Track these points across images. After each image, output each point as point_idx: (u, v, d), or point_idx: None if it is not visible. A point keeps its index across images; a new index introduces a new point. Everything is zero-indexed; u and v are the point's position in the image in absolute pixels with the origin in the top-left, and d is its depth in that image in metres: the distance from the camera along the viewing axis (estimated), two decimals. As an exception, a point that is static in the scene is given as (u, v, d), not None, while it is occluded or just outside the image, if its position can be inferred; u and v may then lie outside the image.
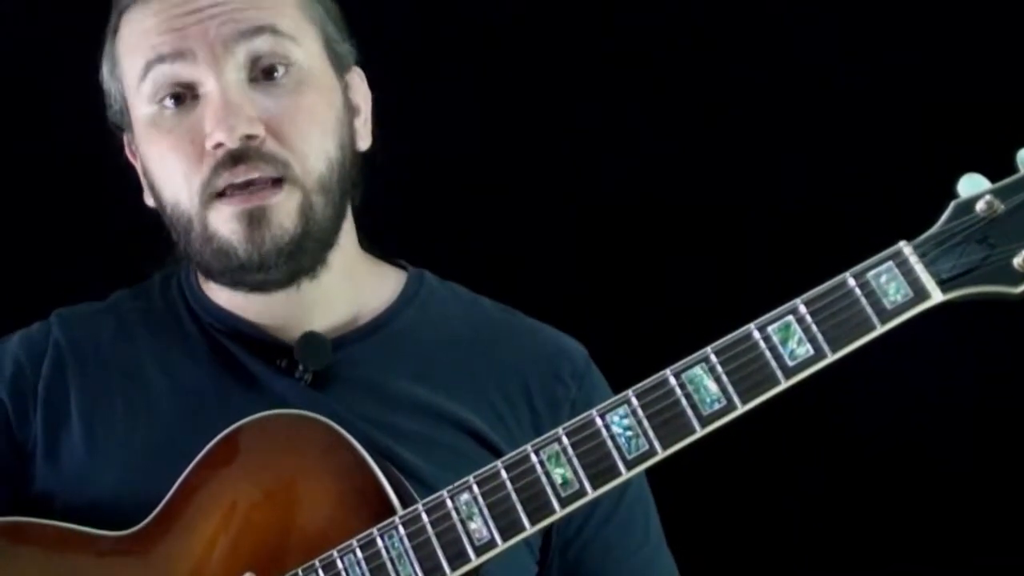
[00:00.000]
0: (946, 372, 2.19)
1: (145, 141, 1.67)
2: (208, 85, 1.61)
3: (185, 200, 1.63)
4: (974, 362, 2.18)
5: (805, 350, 1.42)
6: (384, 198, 1.74)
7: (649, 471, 1.46)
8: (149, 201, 1.73)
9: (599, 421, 1.45)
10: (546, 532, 1.68)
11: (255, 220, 1.61)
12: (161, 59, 1.62)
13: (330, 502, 1.54)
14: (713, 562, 1.71)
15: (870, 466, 1.48)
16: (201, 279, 1.76)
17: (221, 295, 1.73)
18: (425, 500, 1.49)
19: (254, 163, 1.60)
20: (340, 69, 1.71)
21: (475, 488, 1.47)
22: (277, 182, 1.61)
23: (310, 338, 1.69)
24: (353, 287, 1.73)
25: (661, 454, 1.43)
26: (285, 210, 1.62)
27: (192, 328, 1.74)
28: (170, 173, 1.64)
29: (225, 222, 1.62)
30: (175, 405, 1.69)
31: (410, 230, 1.74)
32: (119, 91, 1.71)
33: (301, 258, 1.64)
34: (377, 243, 1.78)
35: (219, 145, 1.59)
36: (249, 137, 1.60)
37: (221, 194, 1.61)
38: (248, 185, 1.60)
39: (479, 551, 1.46)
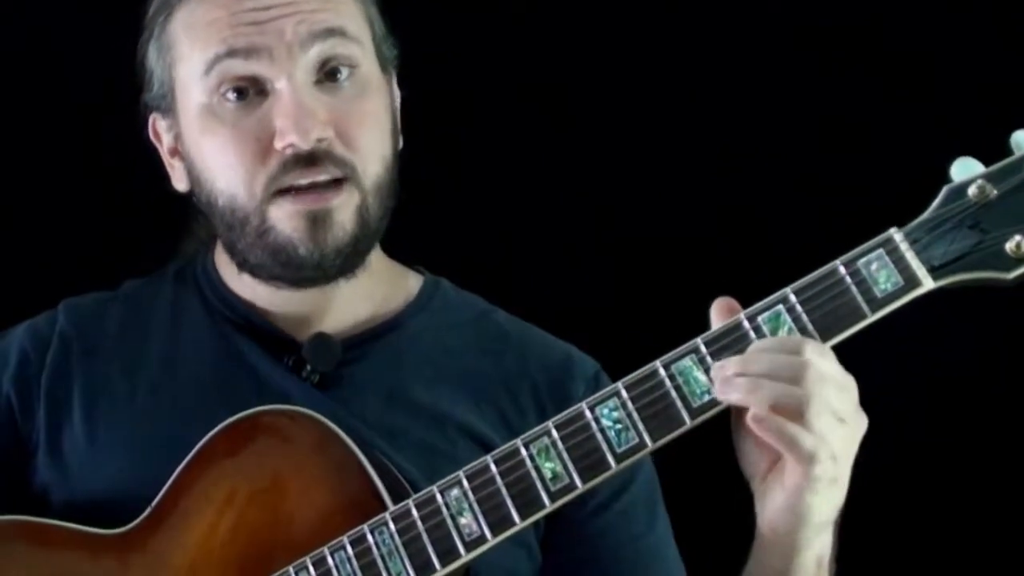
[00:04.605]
0: (938, 357, 2.18)
1: (198, 130, 1.66)
2: (279, 84, 1.61)
3: (243, 194, 1.63)
4: (966, 347, 2.17)
5: None
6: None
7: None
8: (180, 186, 1.73)
9: (588, 414, 1.44)
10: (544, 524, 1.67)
11: (319, 221, 1.61)
12: (233, 53, 1.61)
13: (322, 499, 1.53)
14: (700, 552, 1.70)
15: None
16: (222, 269, 1.75)
17: (243, 287, 1.73)
18: (415, 496, 1.48)
19: (322, 165, 1.61)
20: (387, 71, 1.72)
21: (465, 483, 1.46)
22: (338, 183, 1.62)
23: (320, 339, 1.68)
24: (371, 289, 1.72)
25: (651, 447, 1.42)
26: (346, 212, 1.62)
27: (202, 320, 1.74)
28: (229, 165, 1.63)
29: (288, 219, 1.62)
30: (178, 399, 1.68)
31: (419, 236, 1.74)
32: (166, 75, 1.69)
33: (355, 259, 1.65)
34: (393, 247, 1.78)
35: (290, 145, 1.60)
36: (320, 140, 1.60)
37: (283, 191, 1.62)
38: (312, 186, 1.61)
39: (469, 547, 1.45)
